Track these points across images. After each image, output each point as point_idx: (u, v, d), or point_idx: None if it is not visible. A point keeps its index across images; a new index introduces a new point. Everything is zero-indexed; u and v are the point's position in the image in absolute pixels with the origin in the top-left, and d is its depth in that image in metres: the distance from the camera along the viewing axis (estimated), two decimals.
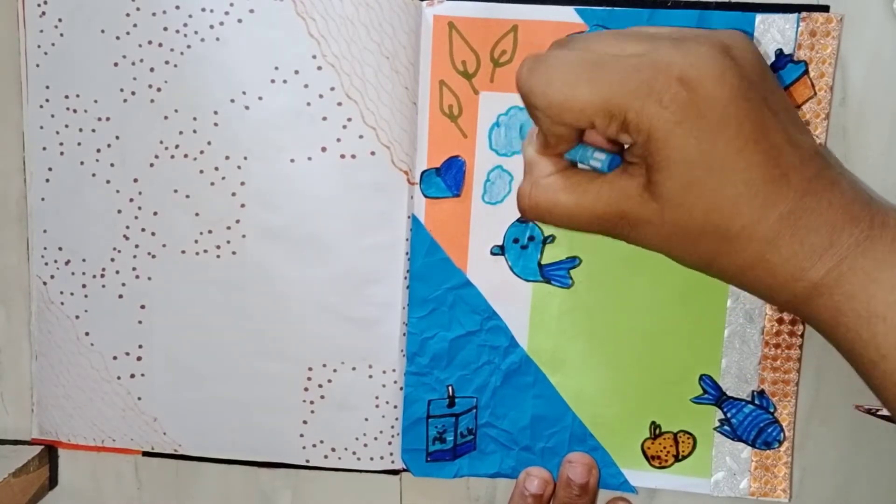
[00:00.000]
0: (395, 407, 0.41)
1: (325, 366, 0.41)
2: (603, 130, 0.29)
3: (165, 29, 0.39)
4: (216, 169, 0.40)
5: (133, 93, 0.40)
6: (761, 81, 0.29)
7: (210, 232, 0.41)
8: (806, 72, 0.38)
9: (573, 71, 0.29)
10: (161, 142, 0.40)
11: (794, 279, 0.29)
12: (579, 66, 0.29)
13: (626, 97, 0.28)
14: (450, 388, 0.41)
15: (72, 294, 0.42)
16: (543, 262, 0.40)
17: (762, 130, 0.28)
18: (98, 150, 0.41)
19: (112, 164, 0.41)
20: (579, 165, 0.32)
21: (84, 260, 0.41)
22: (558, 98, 0.29)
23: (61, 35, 0.40)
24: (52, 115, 0.40)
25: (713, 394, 0.40)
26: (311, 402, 0.41)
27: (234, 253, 0.41)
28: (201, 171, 0.40)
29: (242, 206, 0.40)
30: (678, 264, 0.39)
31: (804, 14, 0.37)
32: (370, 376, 0.41)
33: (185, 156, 0.40)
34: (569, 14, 0.38)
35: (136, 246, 0.41)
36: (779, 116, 0.29)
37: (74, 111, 0.40)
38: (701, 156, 0.28)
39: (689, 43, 0.28)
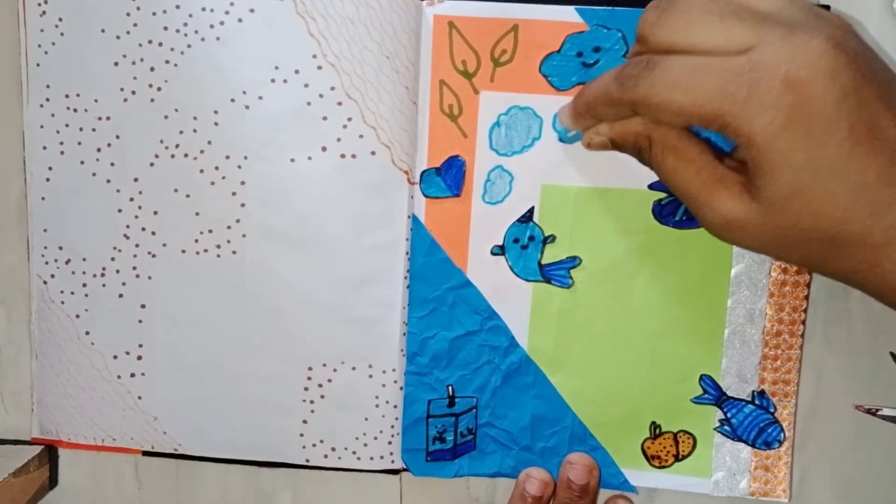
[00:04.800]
0: (395, 407, 0.41)
1: (325, 366, 0.41)
2: (705, 128, 0.29)
3: (165, 28, 0.39)
4: (216, 168, 0.40)
5: (133, 92, 0.40)
6: (874, 73, 0.27)
7: (210, 231, 0.41)
8: None
9: (673, 77, 0.28)
10: (161, 141, 0.40)
11: None
12: (681, 73, 0.28)
13: (722, 103, 0.27)
14: (450, 388, 0.41)
15: (72, 293, 0.42)
16: (543, 262, 0.40)
17: (876, 129, 0.26)
18: (98, 150, 0.41)
19: (112, 164, 0.41)
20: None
21: (84, 259, 0.41)
22: (655, 101, 0.29)
23: (62, 34, 0.40)
24: (53, 115, 0.40)
25: (713, 394, 0.40)
26: (311, 402, 0.41)
27: (234, 252, 0.41)
28: (201, 171, 0.40)
29: (242, 205, 0.40)
30: (678, 264, 0.39)
31: None
32: (370, 376, 0.41)
33: (186, 155, 0.40)
34: (569, 14, 0.38)
35: (137, 245, 0.41)
36: (893, 109, 0.27)
37: (75, 110, 0.40)
38: (808, 161, 0.26)
39: (799, 34, 0.26)
